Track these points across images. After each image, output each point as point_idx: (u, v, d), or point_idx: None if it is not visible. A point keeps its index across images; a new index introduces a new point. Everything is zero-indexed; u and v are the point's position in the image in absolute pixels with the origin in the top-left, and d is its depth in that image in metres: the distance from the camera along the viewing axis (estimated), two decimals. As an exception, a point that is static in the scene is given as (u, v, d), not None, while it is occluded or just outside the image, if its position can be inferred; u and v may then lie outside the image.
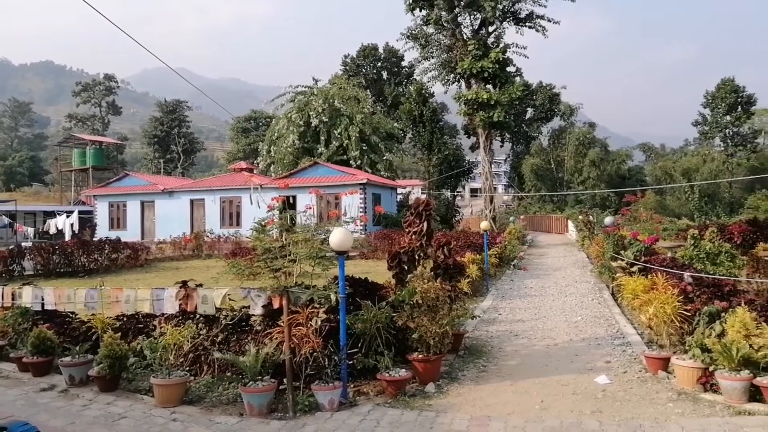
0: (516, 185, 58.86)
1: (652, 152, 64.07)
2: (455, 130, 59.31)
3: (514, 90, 32.83)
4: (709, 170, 43.10)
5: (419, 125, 37.02)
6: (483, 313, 10.78)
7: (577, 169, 50.85)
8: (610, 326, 9.41)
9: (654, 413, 5.29)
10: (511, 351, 7.99)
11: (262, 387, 5.65)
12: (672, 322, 6.98)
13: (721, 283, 8.30)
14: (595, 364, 7.12)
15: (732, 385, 5.36)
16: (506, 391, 6.18)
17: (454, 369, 7.06)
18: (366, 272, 14.61)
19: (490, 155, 34.94)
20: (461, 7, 32.54)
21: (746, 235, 17.56)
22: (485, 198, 35.21)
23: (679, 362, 6.06)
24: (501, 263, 18.01)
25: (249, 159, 56.67)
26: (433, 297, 6.73)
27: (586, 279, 15.47)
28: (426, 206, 7.79)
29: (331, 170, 30.56)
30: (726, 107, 46.92)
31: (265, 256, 6.29)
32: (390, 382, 6.01)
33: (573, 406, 5.61)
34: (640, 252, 12.35)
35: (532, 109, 56.99)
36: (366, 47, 61.97)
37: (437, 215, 36.61)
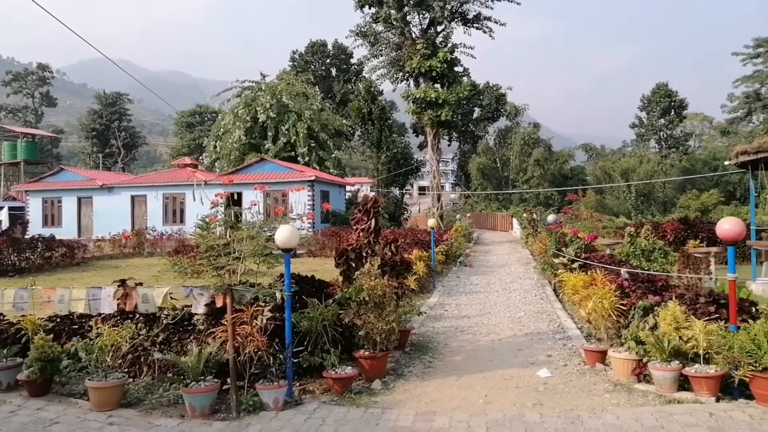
0: (463, 184, 59.77)
1: (593, 152, 66.36)
2: (404, 129, 59.67)
3: (461, 90, 33.27)
4: (645, 171, 44.98)
5: (368, 123, 37.03)
6: (430, 309, 10.89)
7: (522, 168, 52.08)
8: (552, 321, 9.68)
9: (592, 404, 5.48)
10: (457, 346, 8.11)
11: (205, 387, 5.52)
12: (609, 317, 7.24)
13: (654, 278, 8.67)
14: (537, 358, 7.31)
15: (663, 375, 5.61)
16: (451, 386, 6.26)
17: (401, 365, 7.10)
18: (313, 270, 14.50)
19: (437, 154, 35.32)
20: (410, 6, 32.73)
21: (678, 233, 18.45)
22: (433, 196, 35.58)
23: (615, 355, 6.29)
24: (448, 260, 18.26)
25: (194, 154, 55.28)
26: (380, 294, 6.74)
27: (530, 275, 15.87)
28: (374, 204, 7.79)
29: (278, 167, 30.17)
30: (660, 111, 49.11)
31: (208, 253, 6.12)
32: (336, 379, 5.98)
33: (516, 400, 5.73)
34: (581, 249, 12.75)
35: (479, 109, 57.98)
36: (315, 43, 61.47)
37: (386, 213, 36.74)
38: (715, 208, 34.42)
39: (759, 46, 52.59)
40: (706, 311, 6.23)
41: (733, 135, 50.29)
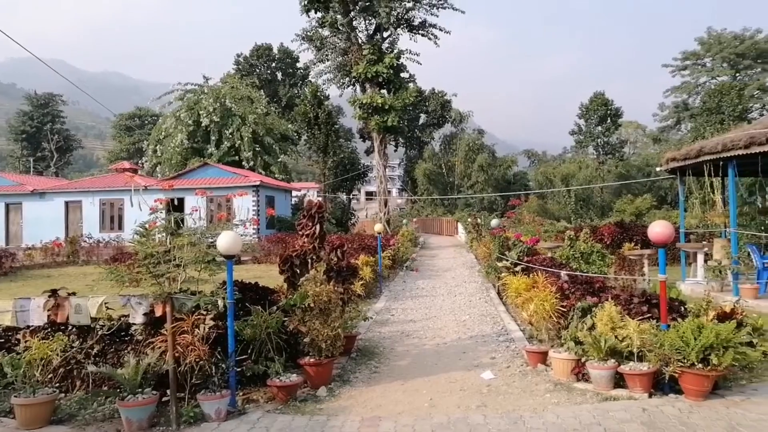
0: (409, 189, 60.24)
1: (535, 158, 68.28)
2: (350, 134, 59.69)
3: (407, 95, 33.56)
4: (584, 176, 46.59)
5: (314, 127, 36.79)
6: (376, 314, 10.89)
7: (467, 173, 52.98)
8: (496, 323, 9.86)
9: (533, 404, 5.61)
10: (403, 351, 8.14)
11: (142, 400, 5.31)
12: (550, 318, 7.44)
13: (592, 280, 8.97)
14: (481, 361, 7.43)
15: (600, 373, 5.81)
16: (397, 391, 6.28)
17: (347, 371, 7.06)
18: (258, 277, 14.24)
19: (384, 159, 35.46)
20: (356, 11, 32.79)
21: (615, 236, 19.19)
22: (380, 201, 35.69)
23: (555, 355, 6.47)
24: (394, 265, 18.34)
25: (133, 159, 53.49)
26: (325, 300, 6.69)
27: (474, 279, 16.13)
28: (318, 209, 7.74)
29: (222, 171, 29.58)
30: (598, 119, 51.04)
31: (147, 261, 5.91)
32: (281, 387, 5.89)
33: (460, 402, 5.80)
34: (523, 252, 13.07)
35: (425, 115, 58.67)
36: (260, 47, 60.75)
37: (332, 218, 36.59)
38: (649, 212, 36.00)
39: (686, 59, 55.57)
40: (640, 311, 6.50)
41: (664, 142, 52.83)
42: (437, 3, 33.78)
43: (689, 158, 12.23)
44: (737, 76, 52.70)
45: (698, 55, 54.85)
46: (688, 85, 55.54)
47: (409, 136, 57.97)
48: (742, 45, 51.82)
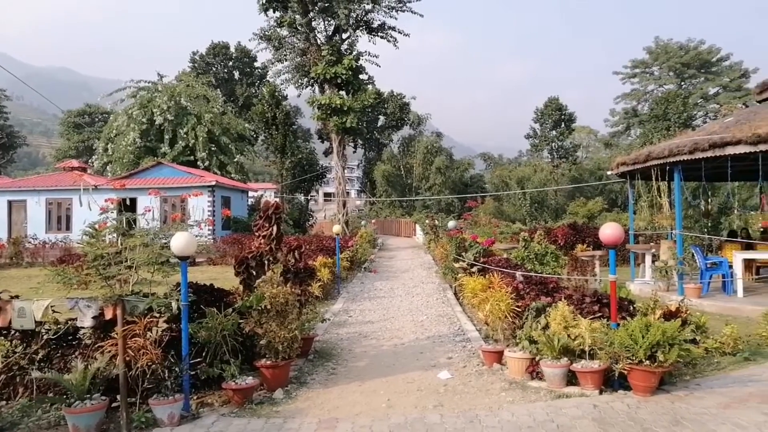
0: (368, 190, 60.27)
1: (491, 161, 69.33)
2: (309, 134, 59.32)
3: (366, 97, 33.60)
4: (539, 179, 47.59)
5: (272, 128, 36.35)
6: (334, 316, 10.85)
7: (425, 176, 53.36)
8: (453, 324, 9.96)
9: (489, 403, 5.69)
10: (361, 352, 8.13)
11: (91, 406, 5.14)
12: (506, 318, 7.58)
13: (546, 280, 9.18)
14: (438, 361, 7.49)
15: (554, 372, 5.95)
16: (355, 392, 6.26)
17: (304, 373, 7.00)
18: (213, 278, 13.98)
19: (343, 160, 35.40)
20: (315, 12, 32.65)
21: (568, 238, 19.70)
22: (338, 202, 35.59)
23: (510, 354, 6.58)
24: (352, 266, 18.31)
25: (82, 157, 51.75)
26: (282, 302, 6.62)
27: (432, 280, 16.26)
28: (276, 209, 7.66)
29: (176, 171, 28.92)
30: (552, 123, 52.25)
31: (97, 262, 5.73)
32: (236, 390, 5.79)
33: (417, 402, 5.83)
34: (479, 253, 13.26)
35: (384, 117, 58.80)
36: (216, 45, 59.72)
37: (290, 219, 36.26)
38: (600, 215, 37.06)
39: (635, 67, 57.56)
40: (591, 310, 6.68)
41: (615, 147, 54.54)
42: (396, 6, 34.00)
43: (638, 163, 12.65)
44: (682, 84, 54.90)
45: (646, 64, 56.92)
46: (637, 93, 57.55)
47: (368, 137, 58.02)
48: (686, 55, 54.03)
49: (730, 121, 12.24)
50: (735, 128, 10.63)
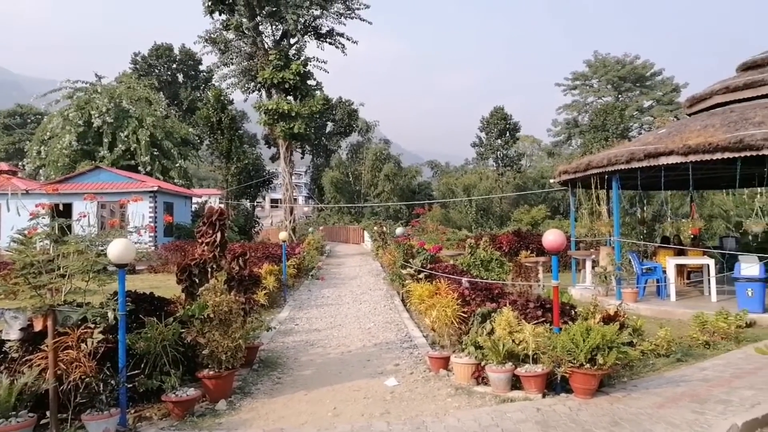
0: (316, 197, 59.90)
1: (438, 169, 70.20)
2: (255, 140, 58.48)
3: (314, 103, 33.38)
4: (484, 187, 48.52)
5: (217, 132, 35.52)
6: (280, 324, 10.68)
7: (374, 182, 53.50)
8: (400, 330, 9.98)
9: (435, 409, 5.71)
10: (307, 361, 8.02)
11: (16, 424, 4.84)
12: (452, 324, 7.64)
13: (491, 286, 9.34)
14: (385, 368, 7.47)
15: (499, 377, 6.03)
16: (300, 401, 6.16)
17: (248, 383, 6.84)
18: (154, 287, 13.51)
19: (290, 166, 35.00)
20: (263, 16, 32.24)
21: (512, 244, 20.12)
22: (285, 209, 35.16)
23: (456, 360, 6.63)
24: (299, 274, 18.11)
25: (13, 160, 49.13)
26: (225, 310, 6.45)
27: (380, 287, 16.26)
28: (220, 216, 7.47)
29: (116, 176, 27.88)
30: (497, 132, 53.41)
31: (26, 271, 5.42)
32: (176, 402, 5.59)
33: (364, 410, 5.79)
34: (427, 260, 13.35)
35: (332, 124, 58.66)
36: (159, 46, 58.14)
37: (235, 226, 35.55)
38: (543, 222, 38.13)
39: (576, 79, 59.70)
40: (535, 315, 6.83)
41: (557, 156, 56.27)
42: (345, 13, 33.99)
43: (579, 172, 13.08)
44: (619, 97, 57.31)
45: (586, 77, 59.14)
46: (577, 104, 59.68)
47: (316, 143, 57.70)
48: (623, 69, 56.47)
49: (663, 132, 12.83)
50: (667, 140, 11.15)
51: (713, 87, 12.99)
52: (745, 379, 6.27)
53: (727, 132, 10.25)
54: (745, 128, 10.15)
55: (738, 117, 10.94)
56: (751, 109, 11.23)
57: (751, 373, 6.47)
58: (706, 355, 7.48)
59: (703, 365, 6.95)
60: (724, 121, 10.95)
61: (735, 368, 6.72)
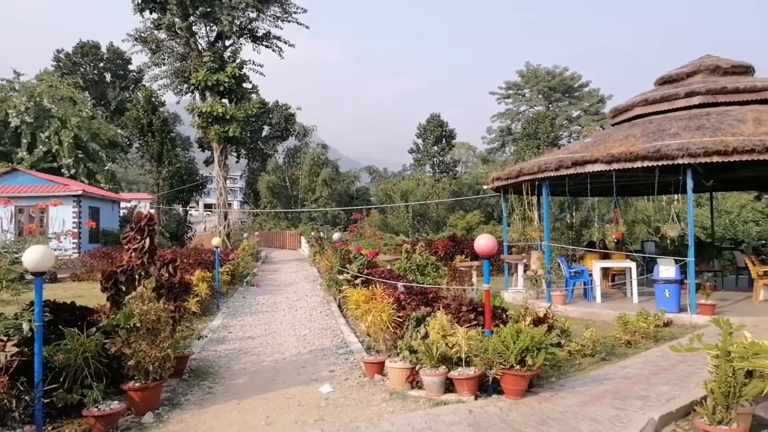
0: (252, 202, 58.82)
1: (376, 175, 70.56)
2: (189, 143, 56.83)
3: (250, 106, 32.85)
4: (421, 193, 49.10)
5: (148, 134, 34.26)
6: (212, 332, 10.40)
7: (311, 187, 53.10)
8: (336, 336, 9.93)
9: (370, 414, 5.70)
10: (240, 369, 7.84)
11: None
12: (388, 329, 7.67)
13: (426, 291, 9.45)
14: (320, 374, 7.40)
15: (432, 380, 6.10)
16: (232, 411, 6.01)
17: (177, 394, 6.61)
18: (78, 296, 12.88)
19: (225, 170, 34.25)
20: (196, 16, 31.45)
21: (448, 249, 20.47)
22: (219, 214, 34.34)
23: (391, 365, 6.66)
24: (234, 280, 17.71)
25: None
26: (153, 319, 6.21)
27: (316, 293, 16.13)
28: (149, 221, 7.19)
29: (35, 179, 26.34)
30: (434, 139, 54.28)
31: (-72, 280, 5.04)
32: (98, 417, 5.32)
33: (298, 418, 5.71)
34: (363, 265, 13.36)
35: (269, 127, 57.84)
36: (85, 44, 55.59)
37: (166, 231, 34.41)
38: (478, 227, 38.96)
39: (509, 89, 61.60)
40: (468, 319, 6.96)
41: (491, 163, 57.76)
42: (282, 16, 33.69)
43: (511, 178, 13.47)
44: (550, 106, 59.57)
45: (519, 86, 61.13)
46: (511, 112, 61.57)
47: (252, 147, 56.71)
48: (553, 80, 58.76)
49: (589, 141, 13.42)
50: (593, 148, 11.66)
51: (634, 99, 13.71)
52: (662, 375, 6.63)
53: (646, 142, 10.84)
54: (662, 139, 10.76)
55: (656, 128, 11.59)
56: (667, 120, 11.93)
57: (667, 370, 6.85)
58: (628, 353, 7.85)
59: (625, 363, 7.29)
60: (644, 132, 11.58)
61: (653, 365, 7.10)
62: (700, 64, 13.26)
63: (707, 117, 11.38)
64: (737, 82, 12.33)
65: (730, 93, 12.12)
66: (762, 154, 9.44)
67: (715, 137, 10.13)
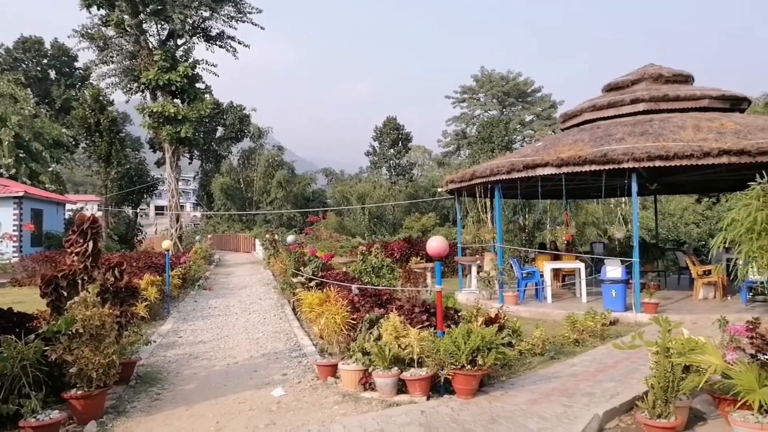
0: (205, 204, 57.70)
1: (333, 177, 70.29)
2: (139, 143, 55.30)
3: (203, 107, 32.23)
4: (378, 195, 49.21)
5: (95, 134, 33.14)
6: (162, 337, 10.15)
7: (266, 189, 52.49)
8: (289, 340, 9.83)
9: (322, 417, 5.66)
10: (190, 374, 7.66)
11: None
12: (341, 331, 7.66)
13: (380, 293, 9.47)
14: (272, 378, 7.31)
15: (385, 381, 6.11)
16: (181, 417, 5.86)
17: (123, 401, 6.41)
18: (18, 301, 12.38)
19: (177, 172, 33.48)
20: (147, 14, 30.64)
21: (403, 251, 20.57)
22: (171, 216, 33.53)
23: (344, 367, 6.63)
24: (185, 284, 17.32)
25: None
26: (98, 324, 5.99)
27: (270, 296, 15.95)
28: (92, 223, 6.95)
29: (-27, 180, 25.14)
30: (390, 142, 54.52)
31: None
32: (37, 428, 5.10)
33: (248, 423, 5.62)
34: (318, 268, 13.30)
35: (223, 128, 56.91)
36: (27, 39, 53.41)
37: (115, 234, 33.39)
38: (434, 229, 39.29)
39: (464, 93, 62.42)
40: (420, 320, 7.00)
41: (447, 166, 58.40)
42: (236, 16, 33.19)
43: (464, 181, 13.65)
44: (504, 111, 60.70)
45: (474, 90, 62.03)
46: (466, 116, 62.39)
47: (206, 148, 55.70)
48: (507, 85, 59.91)
49: (540, 145, 13.74)
50: (543, 152, 11.94)
51: (583, 105, 14.12)
52: (607, 372, 6.84)
53: (593, 146, 11.18)
54: (608, 144, 11.12)
55: (603, 133, 11.96)
56: (614, 126, 12.33)
57: (612, 367, 7.07)
58: (576, 352, 8.06)
59: (573, 361, 7.48)
60: (592, 137, 11.94)
61: (599, 363, 7.31)
62: (644, 72, 13.77)
63: (651, 123, 11.82)
64: (678, 90, 12.85)
65: (672, 100, 12.63)
66: (700, 159, 9.88)
67: (657, 142, 10.53)
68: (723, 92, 12.89)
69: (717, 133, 10.59)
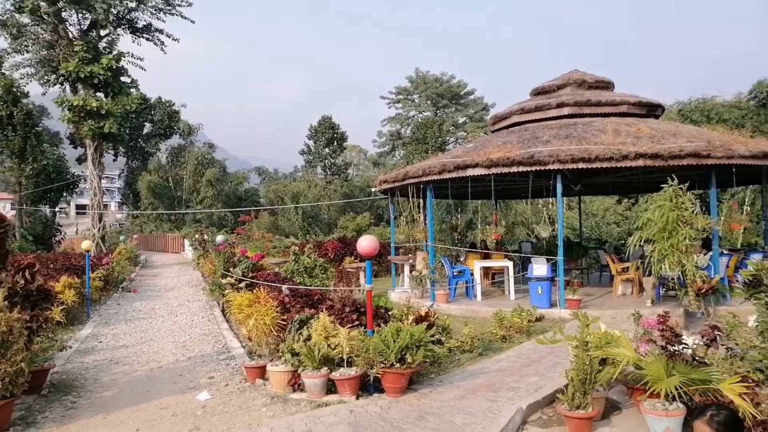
0: (131, 203, 55.37)
1: (267, 176, 69.15)
2: (58, 138, 52.31)
3: (129, 101, 30.85)
4: (313, 194, 48.79)
5: (8, 128, 31.06)
6: (79, 342, 9.65)
7: (196, 188, 50.97)
8: (218, 342, 9.58)
9: (249, 420, 5.54)
10: (109, 381, 7.31)
11: None
12: (271, 332, 7.51)
13: (312, 293, 9.38)
14: (198, 382, 7.09)
15: (314, 382, 6.04)
16: (97, 426, 5.58)
17: (33, 412, 6.03)
18: None
19: (100, 169, 31.91)
20: (66, 1, 29.01)
21: (337, 251, 20.49)
22: (93, 215, 31.94)
23: (272, 368, 6.51)
24: (108, 286, 16.55)
25: None
26: (4, 330, 5.61)
27: (199, 297, 15.50)
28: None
29: None
30: (325, 141, 54.20)
31: None
32: (-67, 444, 4.71)
33: (171, 428, 5.42)
34: (249, 268, 13.03)
35: (151, 125, 54.76)
36: (-68, 24, 49.37)
37: (30, 235, 31.47)
38: (369, 229, 39.39)
39: (399, 94, 62.95)
40: (350, 319, 6.98)
41: (382, 166, 58.66)
42: (164, 8, 31.98)
43: (397, 181, 13.75)
44: (438, 112, 61.66)
45: (408, 91, 62.64)
46: (401, 117, 62.93)
47: (132, 145, 53.36)
48: (441, 87, 60.90)
49: (470, 147, 14.03)
50: (474, 153, 12.20)
51: (512, 108, 14.52)
52: (532, 367, 7.05)
53: (521, 148, 11.52)
54: (535, 146, 11.49)
55: (530, 135, 12.35)
56: (540, 129, 12.75)
57: (536, 362, 7.30)
58: (503, 348, 8.28)
59: (500, 357, 7.68)
60: (520, 139, 12.30)
61: (525, 358, 7.54)
62: (569, 78, 14.33)
63: (575, 127, 12.31)
64: (600, 96, 13.46)
65: (594, 105, 13.21)
66: (619, 162, 10.38)
67: (580, 145, 10.98)
68: (640, 99, 13.60)
69: (634, 138, 11.16)
